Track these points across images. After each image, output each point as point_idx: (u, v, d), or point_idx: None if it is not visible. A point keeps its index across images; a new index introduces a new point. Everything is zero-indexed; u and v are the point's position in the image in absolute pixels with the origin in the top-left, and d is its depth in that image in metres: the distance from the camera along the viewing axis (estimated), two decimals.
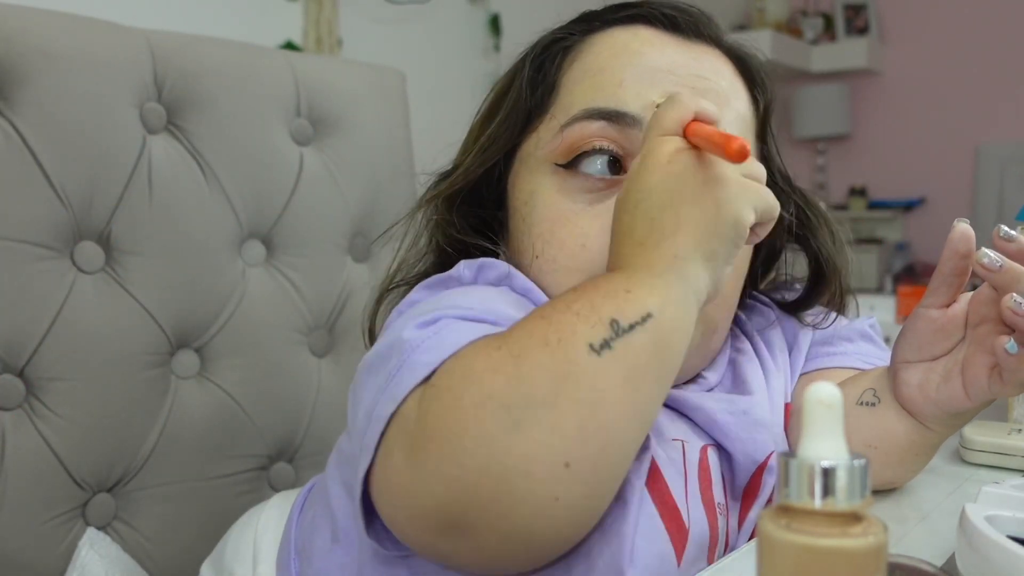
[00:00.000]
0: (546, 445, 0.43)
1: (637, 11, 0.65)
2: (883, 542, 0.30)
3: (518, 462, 0.43)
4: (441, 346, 0.49)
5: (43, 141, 0.85)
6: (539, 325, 0.46)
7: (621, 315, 0.45)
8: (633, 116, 0.60)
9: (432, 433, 0.45)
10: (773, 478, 0.62)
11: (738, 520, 0.62)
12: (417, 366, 0.48)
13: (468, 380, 0.46)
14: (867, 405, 0.60)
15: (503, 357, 0.46)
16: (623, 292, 0.46)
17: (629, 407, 0.45)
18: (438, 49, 2.63)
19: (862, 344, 0.72)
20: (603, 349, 0.44)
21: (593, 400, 0.44)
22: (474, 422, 0.44)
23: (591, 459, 0.44)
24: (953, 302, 0.55)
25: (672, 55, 0.63)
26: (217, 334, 0.97)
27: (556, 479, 0.44)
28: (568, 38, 0.66)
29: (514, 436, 0.43)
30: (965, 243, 0.52)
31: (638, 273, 0.47)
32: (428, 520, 0.47)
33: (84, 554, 0.85)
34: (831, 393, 0.31)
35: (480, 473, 0.44)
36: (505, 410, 0.44)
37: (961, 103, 3.88)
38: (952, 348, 0.56)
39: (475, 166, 0.67)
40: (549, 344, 0.45)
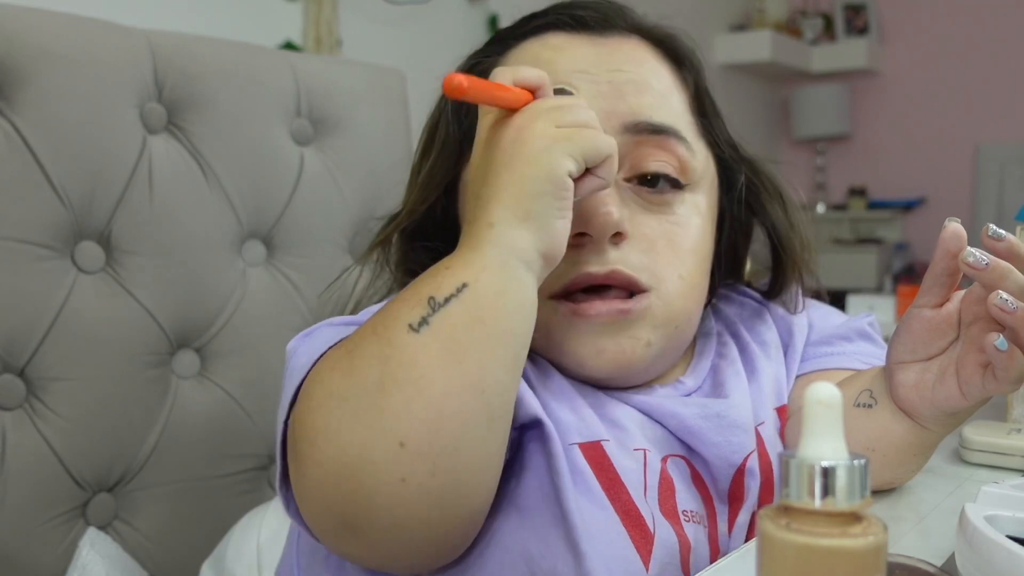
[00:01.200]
0: (380, 429, 0.45)
1: (545, 19, 0.66)
2: (883, 542, 0.30)
3: (360, 451, 0.45)
4: (310, 351, 0.52)
5: (43, 141, 0.85)
6: (374, 318, 0.49)
7: (437, 290, 0.47)
8: None
9: (299, 439, 0.48)
10: (755, 481, 0.62)
11: (728, 524, 0.62)
12: (293, 372, 0.51)
13: (315, 382, 0.48)
14: (864, 407, 0.60)
15: (340, 353, 0.48)
16: (443, 269, 0.48)
17: (453, 377, 0.46)
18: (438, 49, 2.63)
19: (861, 344, 0.72)
20: (421, 326, 0.46)
21: (415, 377, 0.45)
22: (322, 420, 0.47)
23: (424, 434, 0.45)
24: (946, 301, 0.55)
25: (584, 55, 0.63)
26: (217, 334, 0.97)
27: (395, 460, 0.45)
28: (484, 61, 0.67)
29: (354, 426, 0.45)
30: (956, 242, 0.52)
31: (459, 250, 0.49)
32: (323, 523, 0.49)
33: (85, 554, 0.85)
34: (831, 393, 0.31)
35: (337, 469, 0.46)
36: (343, 402, 0.46)
37: (961, 103, 3.88)
38: (946, 347, 0.56)
39: (419, 203, 0.67)
40: (376, 332, 0.47)
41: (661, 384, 0.65)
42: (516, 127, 0.49)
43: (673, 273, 0.61)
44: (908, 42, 4.04)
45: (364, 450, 0.45)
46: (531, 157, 0.48)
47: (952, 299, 0.55)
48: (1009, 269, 0.51)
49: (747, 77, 4.03)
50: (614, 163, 0.52)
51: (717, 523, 0.61)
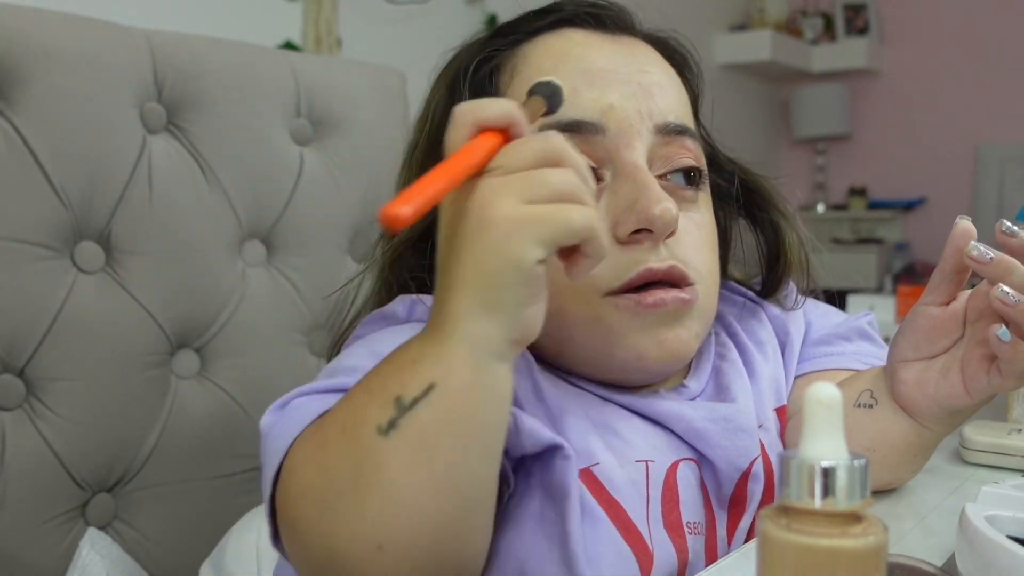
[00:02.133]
0: (357, 530, 0.45)
1: (560, 15, 0.65)
2: (883, 542, 0.30)
3: (341, 544, 0.45)
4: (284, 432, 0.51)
5: (43, 141, 0.85)
6: (342, 408, 0.48)
7: (404, 390, 0.44)
8: (593, 124, 0.60)
9: (283, 523, 0.49)
10: (759, 486, 0.61)
11: (727, 530, 0.61)
12: (271, 454, 0.51)
13: (291, 473, 0.48)
14: (864, 407, 0.60)
15: (313, 449, 0.48)
16: (410, 363, 0.45)
17: (426, 481, 0.44)
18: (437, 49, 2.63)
19: (860, 343, 0.72)
20: (390, 430, 0.44)
21: (387, 482, 0.44)
22: (301, 512, 0.47)
23: (401, 538, 0.44)
24: (953, 299, 0.55)
25: (609, 53, 0.63)
26: (217, 334, 0.97)
27: (374, 561, 0.45)
28: (495, 55, 0.65)
29: (332, 523, 0.45)
30: (966, 239, 0.53)
31: (427, 339, 0.45)
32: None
33: (85, 554, 0.85)
34: (831, 393, 0.31)
35: (319, 561, 0.47)
36: (320, 500, 0.46)
37: (961, 103, 3.88)
38: (951, 346, 0.56)
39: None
40: (345, 430, 0.46)
41: (665, 389, 0.64)
42: (478, 205, 0.43)
43: (706, 268, 0.62)
44: (908, 42, 4.04)
45: (345, 548, 0.45)
46: (494, 246, 0.42)
47: (959, 298, 0.55)
48: (1015, 264, 0.51)
49: (747, 77, 4.03)
50: (599, 238, 0.45)
51: (716, 530, 0.61)
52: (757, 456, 0.61)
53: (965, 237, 0.53)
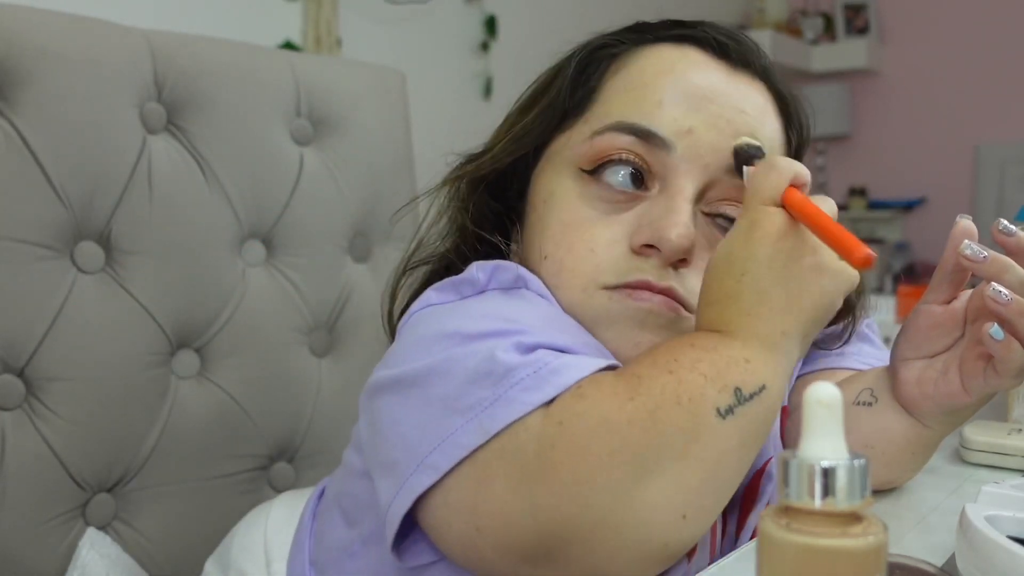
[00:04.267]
0: (670, 498, 0.47)
1: (690, 32, 0.64)
2: (883, 542, 0.30)
3: (641, 511, 0.46)
4: (546, 384, 0.49)
5: (43, 141, 0.85)
6: (669, 381, 0.49)
7: (743, 384, 0.49)
8: (663, 139, 0.59)
9: (558, 471, 0.47)
10: (772, 483, 0.62)
11: (736, 525, 0.61)
12: (518, 403, 0.49)
13: (604, 428, 0.47)
14: (864, 405, 0.60)
15: (637, 409, 0.48)
16: (743, 361, 0.50)
17: (739, 468, 0.50)
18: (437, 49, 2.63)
19: (859, 345, 0.72)
20: (727, 414, 0.48)
21: (716, 460, 0.48)
22: (607, 468, 0.46)
23: (705, 512, 0.48)
24: (954, 299, 0.55)
25: (715, 82, 0.62)
26: (217, 334, 0.97)
27: (673, 529, 0.47)
28: (617, 46, 0.66)
29: (642, 486, 0.46)
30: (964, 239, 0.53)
31: (750, 343, 0.50)
32: (521, 548, 0.48)
33: (84, 554, 0.85)
34: (831, 393, 0.31)
35: (602, 515, 0.46)
36: (637, 461, 0.46)
37: (961, 103, 3.88)
38: (951, 345, 0.56)
39: (504, 154, 0.66)
40: (681, 403, 0.48)
41: None
42: (814, 249, 0.51)
43: None
44: (908, 42, 4.04)
45: (646, 512, 0.46)
46: (827, 289, 0.51)
47: (959, 297, 0.55)
48: (1009, 263, 0.51)
49: None
50: None
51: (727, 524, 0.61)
52: (772, 455, 0.62)
53: (963, 236, 0.53)
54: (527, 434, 0.48)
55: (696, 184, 0.59)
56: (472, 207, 0.67)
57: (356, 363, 1.08)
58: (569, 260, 0.60)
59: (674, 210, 0.58)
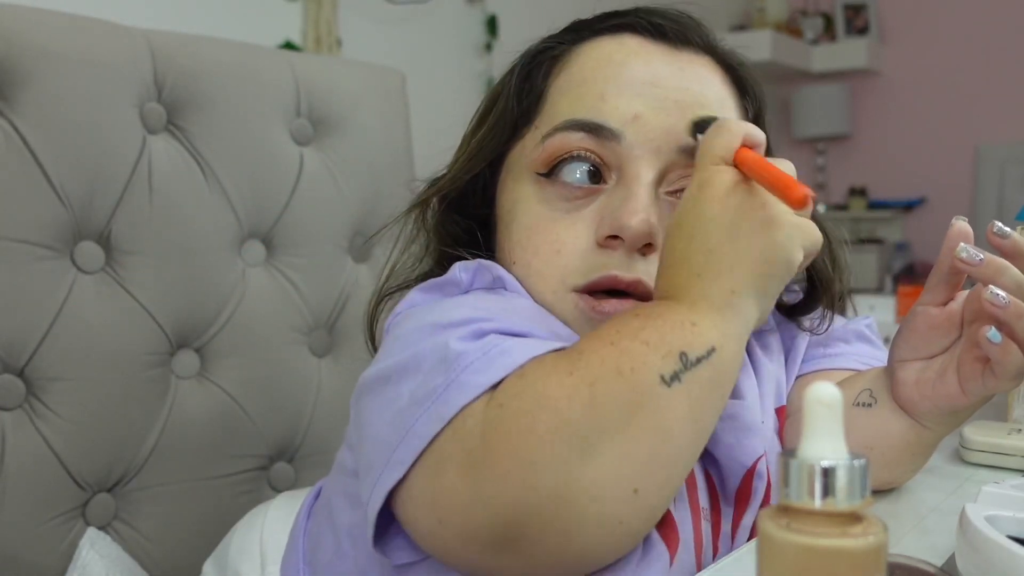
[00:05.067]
0: (617, 472, 0.45)
1: (624, 20, 0.65)
2: (883, 542, 0.30)
3: (589, 487, 0.45)
4: (491, 367, 0.49)
5: (43, 141, 0.85)
6: (610, 353, 0.47)
7: (689, 348, 0.47)
8: (612, 130, 0.60)
9: (502, 454, 0.46)
10: (763, 483, 0.61)
11: (732, 526, 0.61)
12: (467, 386, 0.48)
13: (542, 406, 0.46)
14: (864, 406, 0.60)
15: (576, 384, 0.46)
16: (689, 324, 0.48)
17: (692, 436, 0.48)
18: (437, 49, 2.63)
19: (859, 345, 0.72)
20: (673, 381, 0.46)
21: (663, 430, 0.46)
22: (549, 447, 0.45)
23: (657, 485, 0.47)
24: (951, 300, 0.55)
25: (657, 66, 0.62)
26: (217, 334, 0.97)
27: (624, 504, 0.46)
28: (557, 47, 0.66)
29: (587, 462, 0.45)
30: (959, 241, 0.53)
31: (698, 305, 0.49)
32: (481, 537, 0.47)
33: (84, 554, 0.85)
34: (831, 393, 0.31)
35: (550, 496, 0.45)
36: (580, 437, 0.45)
37: (961, 103, 3.88)
38: (949, 346, 0.56)
39: (463, 173, 0.67)
40: (622, 373, 0.46)
41: None
42: (764, 203, 0.50)
43: None
44: (908, 42, 4.04)
45: (594, 489, 0.45)
46: (780, 242, 0.49)
47: (956, 298, 0.55)
48: (1005, 265, 0.51)
49: None
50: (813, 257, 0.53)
51: (721, 524, 0.61)
52: (763, 454, 0.62)
53: (959, 238, 0.53)
54: (473, 419, 0.48)
55: (653, 168, 0.59)
56: (442, 228, 0.68)
57: (356, 363, 1.08)
58: (536, 263, 0.60)
59: (631, 197, 0.58)
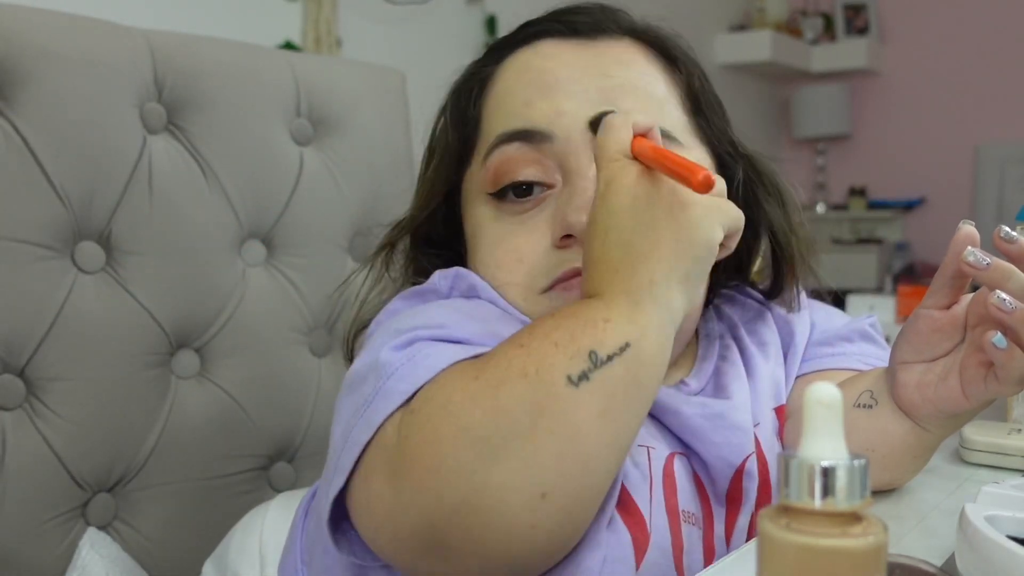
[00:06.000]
0: (523, 476, 0.45)
1: (538, 27, 0.67)
2: (883, 542, 0.30)
3: (495, 492, 0.44)
4: (415, 373, 0.49)
5: (43, 141, 0.85)
6: (518, 355, 0.47)
7: (599, 346, 0.46)
8: (541, 131, 0.61)
9: (412, 463, 0.46)
10: (754, 483, 0.62)
11: (725, 527, 0.61)
12: (392, 394, 0.49)
13: (446, 411, 0.46)
14: (864, 408, 0.60)
15: (481, 388, 0.46)
16: (602, 321, 0.47)
17: (606, 437, 0.46)
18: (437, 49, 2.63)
19: (862, 344, 0.72)
20: (581, 381, 0.45)
21: (570, 432, 0.45)
22: (452, 453, 0.45)
23: (568, 489, 0.46)
24: (954, 303, 0.55)
25: (573, 62, 0.63)
26: (217, 334, 0.97)
27: (532, 509, 0.45)
28: (481, 71, 0.68)
29: (492, 467, 0.44)
30: (966, 245, 0.53)
31: (616, 300, 0.48)
32: (409, 542, 0.48)
33: (84, 554, 0.85)
34: (831, 393, 0.31)
35: (458, 503, 0.45)
36: (482, 442, 0.45)
37: (961, 103, 3.88)
38: (951, 349, 0.56)
39: (419, 211, 0.69)
40: (527, 375, 0.46)
41: (665, 384, 0.64)
42: (672, 188, 0.49)
43: None
44: (908, 42, 4.04)
45: (501, 493, 0.45)
46: (695, 222, 0.49)
47: (960, 302, 0.55)
48: (1012, 270, 0.51)
49: (747, 77, 4.03)
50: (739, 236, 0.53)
51: (713, 525, 0.61)
52: (751, 453, 0.61)
53: (966, 242, 0.53)
54: (392, 426, 0.48)
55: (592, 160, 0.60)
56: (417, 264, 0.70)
57: None
58: (501, 275, 0.62)
59: (576, 193, 0.59)
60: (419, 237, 0.70)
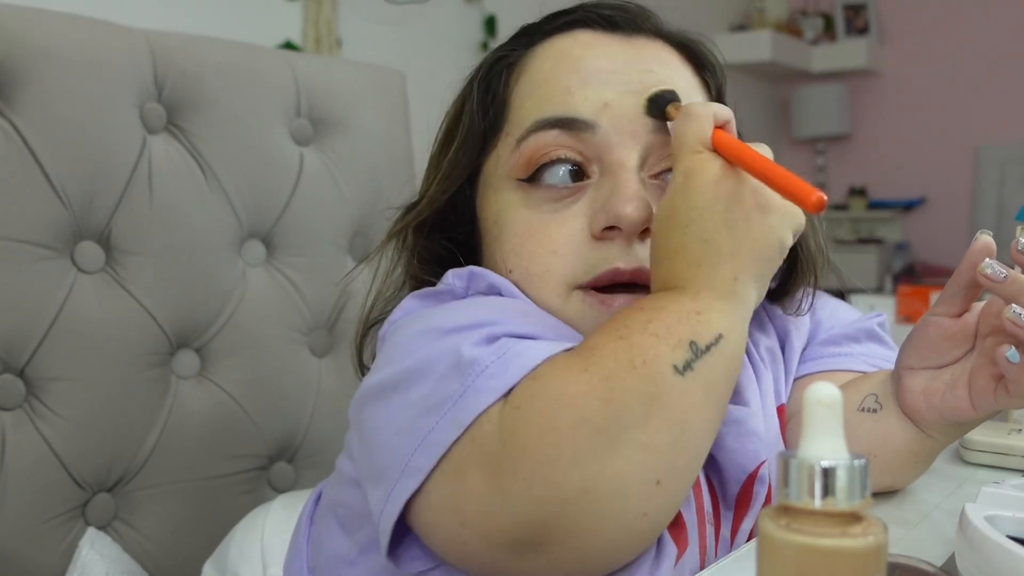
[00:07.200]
0: (640, 464, 0.46)
1: (574, 16, 0.66)
2: (883, 542, 0.30)
3: (612, 482, 0.45)
4: (507, 370, 0.49)
5: (43, 141, 0.85)
6: (621, 347, 0.48)
7: (698, 337, 0.48)
8: (585, 121, 0.60)
9: (523, 456, 0.46)
10: (764, 487, 0.61)
11: (731, 530, 0.61)
12: (484, 392, 0.49)
13: (560, 404, 0.46)
14: (869, 411, 0.59)
15: (592, 380, 0.47)
16: (695, 314, 0.49)
17: (709, 423, 0.49)
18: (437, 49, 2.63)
19: (869, 345, 0.71)
20: (686, 370, 0.47)
21: (681, 419, 0.47)
22: (570, 444, 0.45)
23: (679, 474, 0.48)
24: (965, 312, 0.55)
25: (614, 54, 0.63)
26: (217, 334, 0.97)
27: (648, 496, 0.46)
28: (511, 55, 0.67)
29: (609, 457, 0.45)
30: (983, 256, 0.52)
31: (702, 294, 0.50)
32: (505, 539, 0.48)
33: (84, 554, 0.85)
34: (831, 393, 0.31)
35: (575, 493, 0.45)
36: (600, 432, 0.45)
37: (961, 103, 3.88)
38: (960, 357, 0.55)
39: (439, 194, 0.67)
40: (636, 367, 0.47)
41: None
42: (754, 190, 0.51)
43: None
44: (908, 42, 4.04)
45: (618, 482, 0.45)
46: (772, 226, 0.51)
47: (971, 310, 0.55)
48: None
49: (747, 77, 4.03)
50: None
51: (720, 529, 0.61)
52: (765, 459, 0.61)
53: (983, 253, 0.52)
54: (491, 424, 0.48)
55: (634, 153, 0.60)
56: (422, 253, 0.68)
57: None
58: (533, 267, 0.60)
59: (621, 185, 0.58)
60: (430, 222, 0.68)
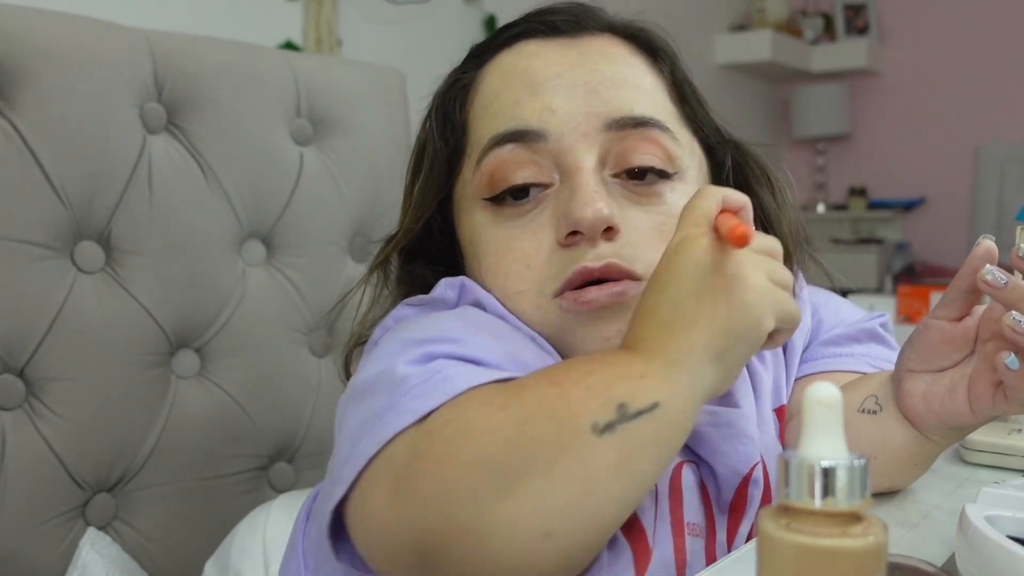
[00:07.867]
0: (531, 514, 0.45)
1: (519, 29, 0.66)
2: (883, 542, 0.30)
3: (501, 525, 0.45)
4: (432, 393, 0.49)
5: (43, 141, 0.85)
6: (550, 393, 0.47)
7: (631, 400, 0.46)
8: (534, 131, 0.61)
9: (422, 481, 0.46)
10: (759, 491, 0.61)
11: (727, 535, 0.61)
12: (406, 412, 0.49)
13: (467, 436, 0.46)
14: (869, 413, 0.60)
15: (506, 420, 0.46)
16: (637, 377, 0.47)
17: (619, 489, 0.46)
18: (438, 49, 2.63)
19: (871, 345, 0.71)
20: (605, 431, 0.45)
21: (585, 478, 0.45)
22: (467, 479, 0.45)
23: (572, 533, 0.46)
24: (966, 316, 0.55)
25: (559, 60, 0.63)
26: (217, 334, 0.97)
27: (534, 547, 0.45)
28: (463, 77, 0.68)
29: (503, 499, 0.44)
30: (984, 261, 0.52)
31: (655, 359, 0.48)
32: (404, 557, 0.48)
33: (84, 554, 0.85)
34: (831, 393, 0.31)
35: (463, 528, 0.45)
36: (499, 472, 0.45)
37: (961, 103, 3.88)
38: (960, 361, 0.55)
39: (413, 222, 0.68)
40: (554, 415, 0.46)
41: None
42: (737, 264, 0.49)
43: None
44: (908, 42, 4.04)
45: (507, 526, 0.45)
46: (746, 304, 0.48)
47: (972, 314, 0.55)
48: None
49: (747, 77, 4.03)
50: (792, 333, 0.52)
51: (716, 534, 0.61)
52: (758, 462, 0.61)
53: (984, 259, 0.52)
54: (403, 444, 0.48)
55: (589, 155, 0.60)
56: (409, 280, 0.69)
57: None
58: (510, 283, 0.61)
59: (577, 189, 0.59)
60: (411, 251, 0.69)
